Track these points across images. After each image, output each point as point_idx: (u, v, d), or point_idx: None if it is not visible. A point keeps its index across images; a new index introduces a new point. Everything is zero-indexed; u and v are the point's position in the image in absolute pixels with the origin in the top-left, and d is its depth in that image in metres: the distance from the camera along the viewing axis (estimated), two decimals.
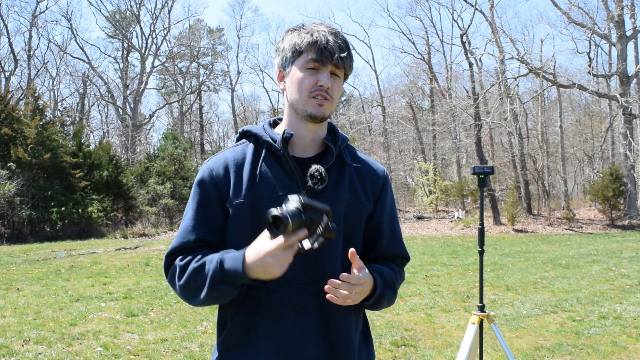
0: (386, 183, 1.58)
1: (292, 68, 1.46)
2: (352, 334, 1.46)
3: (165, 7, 37.06)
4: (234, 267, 1.30)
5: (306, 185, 1.43)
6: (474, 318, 3.48)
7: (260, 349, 1.39)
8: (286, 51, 1.46)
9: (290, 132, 1.47)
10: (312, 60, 1.42)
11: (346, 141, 1.57)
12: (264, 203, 1.41)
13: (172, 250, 1.44)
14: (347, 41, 1.47)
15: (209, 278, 1.33)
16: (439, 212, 26.69)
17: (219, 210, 1.45)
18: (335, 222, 1.42)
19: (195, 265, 1.37)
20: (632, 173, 20.94)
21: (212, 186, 1.46)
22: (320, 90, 1.42)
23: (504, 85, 23.03)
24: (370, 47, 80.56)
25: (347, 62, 1.45)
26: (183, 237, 1.44)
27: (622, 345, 4.91)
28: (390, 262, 1.59)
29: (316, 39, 1.42)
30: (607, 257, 11.31)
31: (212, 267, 1.33)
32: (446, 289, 7.78)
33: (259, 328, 1.40)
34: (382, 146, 34.07)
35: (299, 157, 1.48)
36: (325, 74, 1.42)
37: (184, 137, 32.75)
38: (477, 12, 24.01)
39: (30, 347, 4.89)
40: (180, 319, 5.94)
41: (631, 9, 21.07)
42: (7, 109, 18.80)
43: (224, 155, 1.50)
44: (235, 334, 1.43)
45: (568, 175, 32.00)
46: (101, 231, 19.01)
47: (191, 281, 1.37)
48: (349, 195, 1.48)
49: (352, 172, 1.51)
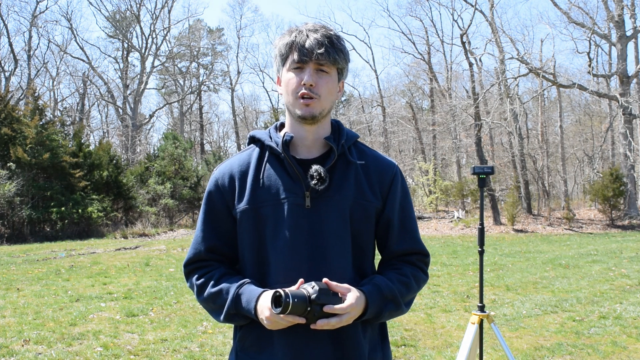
0: (396, 178, 1.55)
1: (283, 71, 1.48)
2: (360, 335, 1.46)
3: (165, 7, 37.10)
4: (247, 308, 1.40)
5: (310, 187, 1.43)
6: (474, 318, 3.48)
7: (274, 350, 1.43)
8: (277, 56, 1.49)
9: (291, 134, 1.48)
10: (294, 61, 1.43)
11: (353, 138, 1.55)
12: (267, 207, 1.43)
13: (187, 261, 1.54)
14: (331, 35, 1.45)
15: (225, 310, 1.44)
16: (439, 212, 26.69)
17: (227, 218, 1.50)
18: (341, 222, 1.45)
19: (212, 290, 1.46)
20: (632, 173, 20.94)
21: (218, 196, 1.51)
22: (304, 88, 1.42)
23: (504, 85, 23.02)
24: (370, 47, 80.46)
25: (331, 56, 1.43)
26: (195, 249, 1.53)
27: (622, 345, 4.91)
28: (406, 263, 1.55)
29: (293, 39, 1.43)
30: (607, 257, 11.30)
31: (229, 300, 1.43)
32: (446, 289, 7.78)
33: (272, 331, 1.42)
34: (382, 146, 34.06)
35: (303, 159, 1.48)
36: (307, 72, 1.42)
37: (184, 137, 32.75)
38: (477, 12, 24.02)
39: (30, 347, 4.88)
40: (180, 319, 5.94)
41: (631, 9, 21.06)
42: (7, 109, 18.79)
43: (230, 163, 1.54)
44: (250, 336, 1.48)
45: (568, 175, 32.00)
46: (101, 231, 19.01)
47: (209, 303, 1.48)
48: (354, 194, 1.47)
49: (357, 170, 1.50)
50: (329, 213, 1.44)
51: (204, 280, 1.48)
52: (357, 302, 1.37)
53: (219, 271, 1.49)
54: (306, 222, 1.42)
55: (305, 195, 1.43)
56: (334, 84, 1.48)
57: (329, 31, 1.45)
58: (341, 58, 1.46)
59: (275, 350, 1.43)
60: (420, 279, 1.55)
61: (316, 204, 1.43)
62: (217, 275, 1.47)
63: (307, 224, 1.42)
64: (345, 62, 1.48)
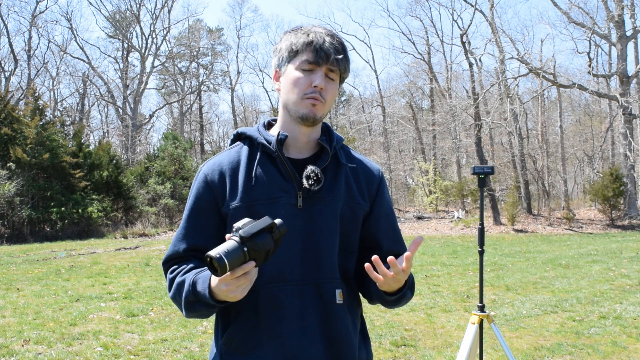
0: (382, 182, 1.58)
1: (287, 67, 1.45)
2: (351, 333, 1.46)
3: (165, 7, 37.09)
4: (202, 291, 1.32)
5: (302, 187, 1.43)
6: (474, 318, 3.48)
7: (263, 351, 1.40)
8: (283, 51, 1.46)
9: (285, 133, 1.46)
10: (308, 61, 1.41)
11: (341, 141, 1.56)
12: (260, 205, 1.42)
13: (166, 259, 1.49)
14: (343, 44, 1.46)
15: (184, 298, 1.37)
16: (439, 212, 26.69)
17: (214, 216, 1.46)
18: (333, 223, 1.44)
19: (178, 280, 1.41)
20: (632, 173, 20.94)
21: (207, 192, 1.47)
22: (314, 91, 1.41)
23: (504, 85, 23.03)
24: (370, 47, 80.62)
25: (343, 64, 1.44)
26: (174, 246, 1.48)
27: (622, 345, 4.91)
28: None
29: (312, 40, 1.42)
30: (607, 257, 11.31)
31: (186, 287, 1.37)
32: (446, 289, 7.78)
33: (261, 330, 1.40)
34: (382, 146, 34.07)
35: (295, 159, 1.48)
36: (319, 74, 1.41)
37: (184, 137, 32.75)
38: (477, 12, 24.02)
39: (30, 347, 4.89)
40: (180, 319, 5.93)
41: (631, 9, 21.07)
42: (7, 109, 18.78)
43: (219, 160, 1.50)
44: (237, 336, 1.43)
45: (568, 175, 32.01)
46: (101, 231, 19.01)
47: (176, 296, 1.42)
48: (344, 196, 1.48)
49: (347, 172, 1.51)
50: (321, 213, 1.44)
51: (174, 275, 1.44)
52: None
53: (191, 265, 1.44)
54: (299, 222, 1.42)
55: (297, 195, 1.43)
56: (337, 92, 1.49)
57: (341, 39, 1.46)
58: (349, 68, 1.48)
59: (265, 351, 1.39)
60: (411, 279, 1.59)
61: (308, 204, 1.43)
62: (186, 269, 1.43)
63: (300, 223, 1.42)
64: (348, 72, 1.50)
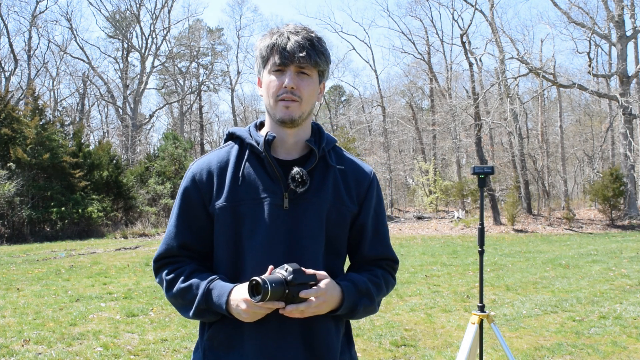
0: (372, 184, 1.57)
1: (263, 73, 1.47)
2: (332, 336, 1.46)
3: (165, 7, 37.09)
4: (218, 302, 1.38)
5: (288, 188, 1.43)
6: (474, 318, 3.48)
7: (244, 350, 1.42)
8: (258, 58, 1.48)
9: (273, 134, 1.47)
10: (276, 64, 1.42)
11: (332, 143, 1.56)
12: (245, 205, 1.43)
13: (157, 256, 1.51)
14: (312, 38, 1.43)
15: (195, 305, 1.41)
16: (439, 212, 26.70)
17: (202, 214, 1.48)
18: (317, 225, 1.45)
19: (182, 285, 1.43)
20: (632, 173, 20.94)
21: (195, 191, 1.48)
22: (285, 91, 1.41)
23: (504, 85, 23.03)
24: (370, 47, 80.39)
25: (313, 59, 1.42)
26: (167, 244, 1.49)
27: (622, 345, 4.91)
28: (376, 267, 1.57)
29: (274, 42, 1.42)
30: (607, 257, 11.31)
31: (199, 295, 1.40)
32: (446, 289, 7.78)
33: (243, 329, 1.42)
34: (382, 146, 34.06)
35: (283, 160, 1.48)
36: (288, 74, 1.41)
37: (184, 137, 32.77)
38: (477, 12, 24.03)
39: (30, 347, 4.89)
40: (180, 319, 5.93)
41: (631, 9, 21.07)
42: (7, 109, 18.79)
43: (208, 159, 1.51)
44: (219, 335, 1.45)
45: (568, 175, 32.00)
46: (101, 231, 19.02)
47: (178, 299, 1.45)
48: (332, 198, 1.47)
49: (336, 175, 1.51)
50: (306, 215, 1.44)
51: (174, 276, 1.45)
52: (332, 290, 1.38)
53: (190, 267, 1.47)
54: (283, 223, 1.42)
55: (284, 196, 1.43)
56: (315, 86, 1.47)
57: (310, 33, 1.44)
58: (322, 60, 1.45)
59: (246, 350, 1.41)
60: (390, 283, 1.58)
61: (294, 205, 1.44)
62: (187, 271, 1.45)
63: (284, 224, 1.42)
64: (326, 64, 1.47)
